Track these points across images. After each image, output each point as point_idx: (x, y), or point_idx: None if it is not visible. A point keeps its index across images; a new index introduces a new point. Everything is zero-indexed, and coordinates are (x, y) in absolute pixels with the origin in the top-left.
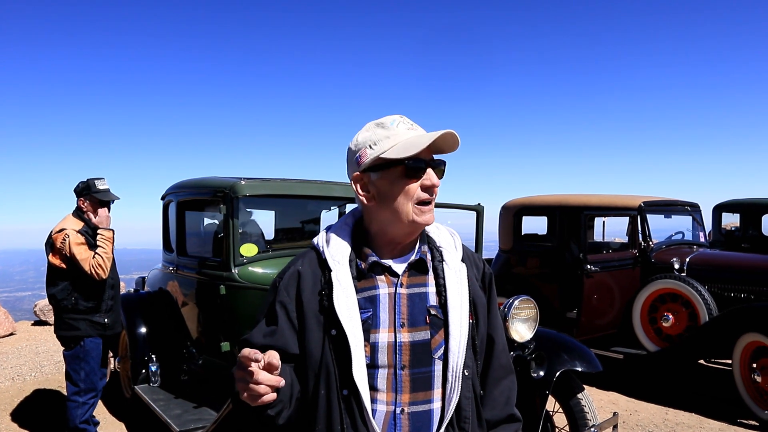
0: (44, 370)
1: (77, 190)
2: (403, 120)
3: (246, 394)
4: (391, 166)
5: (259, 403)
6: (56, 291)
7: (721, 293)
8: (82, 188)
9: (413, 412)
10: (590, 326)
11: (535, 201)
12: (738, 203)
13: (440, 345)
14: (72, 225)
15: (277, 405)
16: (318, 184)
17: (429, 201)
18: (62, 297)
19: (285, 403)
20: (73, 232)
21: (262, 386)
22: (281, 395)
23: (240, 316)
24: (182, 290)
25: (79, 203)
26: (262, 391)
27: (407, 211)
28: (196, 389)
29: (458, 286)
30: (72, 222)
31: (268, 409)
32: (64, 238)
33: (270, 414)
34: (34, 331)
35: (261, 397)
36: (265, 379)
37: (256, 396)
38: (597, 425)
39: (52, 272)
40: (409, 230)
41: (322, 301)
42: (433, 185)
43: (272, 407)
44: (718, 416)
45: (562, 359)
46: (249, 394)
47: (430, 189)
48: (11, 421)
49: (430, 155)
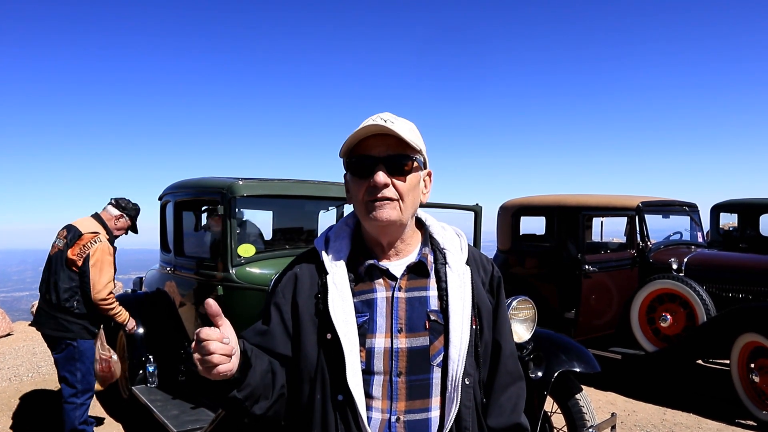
0: (41, 371)
1: (126, 207)
2: (378, 115)
3: (201, 367)
4: (345, 165)
5: (216, 374)
6: (62, 288)
7: (719, 293)
8: (131, 208)
9: (409, 421)
10: (588, 326)
11: (534, 201)
12: (736, 203)
13: (439, 352)
14: (104, 233)
15: (244, 388)
16: (315, 185)
17: (378, 199)
18: (66, 297)
19: (257, 388)
20: (107, 242)
21: (215, 355)
22: (249, 378)
23: (237, 317)
24: (180, 291)
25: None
26: (216, 360)
27: (361, 211)
28: (194, 390)
29: (461, 290)
30: (102, 230)
31: (235, 390)
32: (95, 240)
33: (238, 396)
34: (31, 332)
35: (216, 366)
36: (217, 348)
37: (210, 366)
38: (595, 426)
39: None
40: (376, 230)
41: (318, 305)
42: (376, 185)
43: (239, 390)
44: (716, 416)
45: (560, 360)
46: (204, 366)
47: (374, 189)
48: (8, 422)
49: (384, 150)
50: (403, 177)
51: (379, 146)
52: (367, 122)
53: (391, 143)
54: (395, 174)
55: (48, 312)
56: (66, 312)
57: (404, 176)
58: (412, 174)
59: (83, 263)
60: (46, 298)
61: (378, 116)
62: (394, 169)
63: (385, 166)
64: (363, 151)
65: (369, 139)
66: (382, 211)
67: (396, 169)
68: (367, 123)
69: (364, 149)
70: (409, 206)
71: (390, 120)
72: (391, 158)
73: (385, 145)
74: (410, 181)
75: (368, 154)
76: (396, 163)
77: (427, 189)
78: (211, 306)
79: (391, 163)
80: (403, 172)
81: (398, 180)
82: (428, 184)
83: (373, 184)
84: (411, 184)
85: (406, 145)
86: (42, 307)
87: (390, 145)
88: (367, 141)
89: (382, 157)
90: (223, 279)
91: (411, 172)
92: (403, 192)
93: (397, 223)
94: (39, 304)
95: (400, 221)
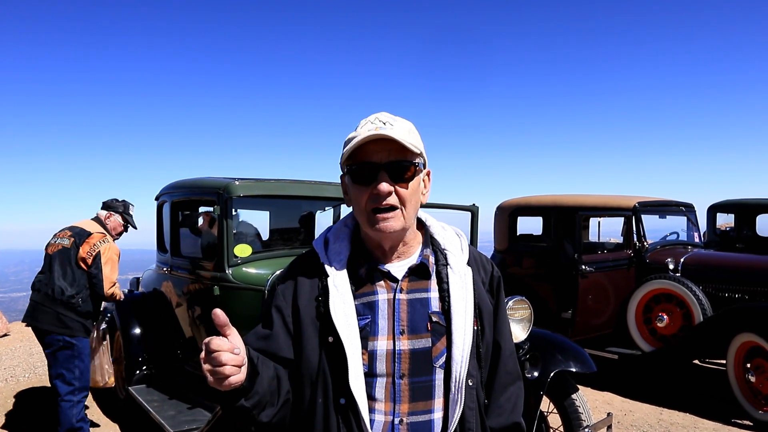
0: (38, 371)
1: (111, 205)
2: (375, 117)
3: (212, 378)
4: (345, 170)
5: (227, 385)
6: (67, 284)
7: (716, 293)
8: (117, 205)
9: (412, 422)
10: (585, 326)
11: (531, 201)
12: (732, 203)
13: (442, 353)
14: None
15: (252, 397)
16: (311, 185)
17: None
18: (72, 294)
19: (264, 396)
20: (114, 243)
21: (227, 367)
22: (257, 386)
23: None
24: (176, 291)
25: (105, 216)
26: (228, 372)
27: (363, 220)
28: (191, 390)
29: (463, 291)
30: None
31: (243, 399)
32: (104, 240)
33: (246, 405)
34: (28, 332)
35: (227, 378)
36: (228, 359)
37: (221, 377)
38: (591, 425)
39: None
40: (379, 237)
41: (319, 308)
42: (380, 193)
43: (247, 398)
44: (713, 416)
45: (556, 360)
46: (215, 377)
47: (378, 197)
48: (5, 422)
49: (385, 156)
50: (405, 184)
51: (380, 152)
52: (366, 125)
53: (392, 148)
54: (398, 181)
55: (46, 307)
56: (69, 308)
57: (406, 183)
58: (414, 179)
59: (93, 261)
60: (47, 293)
61: (376, 117)
62: (396, 176)
63: (387, 172)
64: (364, 157)
65: (369, 144)
66: (387, 224)
67: (398, 176)
68: (366, 126)
69: (364, 155)
70: (412, 212)
71: (389, 122)
72: (393, 164)
73: (386, 150)
74: (412, 187)
75: (369, 160)
76: (398, 170)
77: (427, 189)
78: (219, 317)
79: (393, 170)
80: (406, 179)
81: (401, 187)
82: (427, 184)
83: (377, 193)
84: (413, 189)
85: (406, 149)
86: (37, 301)
87: (391, 150)
88: (367, 146)
89: (384, 163)
90: (220, 279)
91: (413, 178)
92: (405, 198)
93: (401, 230)
94: (33, 299)
95: (404, 228)
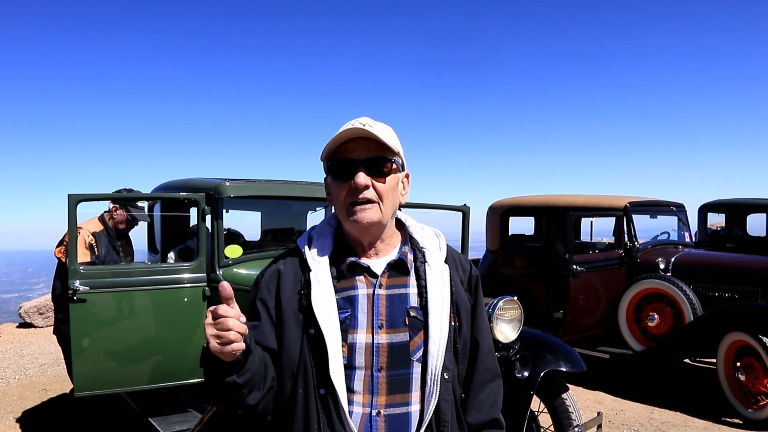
0: (28, 373)
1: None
2: (356, 120)
3: (217, 342)
4: (325, 167)
5: (229, 351)
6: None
7: (706, 293)
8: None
9: (390, 415)
10: (576, 326)
11: (522, 201)
12: (723, 203)
13: (419, 347)
14: (91, 227)
15: (244, 373)
16: (302, 185)
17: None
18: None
19: (254, 375)
20: (88, 233)
21: (232, 332)
22: (249, 363)
23: None
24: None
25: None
26: (233, 337)
27: (342, 214)
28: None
29: (440, 287)
30: (93, 224)
31: (236, 375)
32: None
33: (237, 382)
34: (18, 334)
35: (231, 342)
36: (234, 324)
37: (226, 341)
38: (581, 425)
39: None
40: (358, 231)
41: (301, 301)
42: (357, 186)
43: (239, 374)
44: (703, 414)
45: (546, 359)
46: (220, 341)
47: (355, 191)
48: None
49: (363, 153)
50: (382, 178)
51: (359, 149)
52: (347, 126)
53: (370, 146)
54: (375, 175)
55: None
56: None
57: (384, 177)
58: (391, 175)
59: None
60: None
61: (357, 120)
62: (373, 171)
63: (365, 168)
64: (343, 155)
65: (349, 143)
66: (363, 214)
67: (376, 171)
68: (347, 127)
69: (344, 153)
70: (389, 207)
71: (369, 124)
72: (371, 160)
73: (364, 148)
74: (389, 183)
75: (348, 157)
76: (376, 165)
77: (406, 190)
78: (225, 289)
79: (370, 166)
80: (383, 174)
81: (378, 181)
82: (406, 186)
83: (354, 186)
84: (390, 185)
85: (384, 147)
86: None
87: (370, 148)
88: (347, 145)
89: (362, 159)
90: (210, 280)
91: (390, 174)
92: (382, 193)
93: (377, 224)
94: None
95: (381, 222)
